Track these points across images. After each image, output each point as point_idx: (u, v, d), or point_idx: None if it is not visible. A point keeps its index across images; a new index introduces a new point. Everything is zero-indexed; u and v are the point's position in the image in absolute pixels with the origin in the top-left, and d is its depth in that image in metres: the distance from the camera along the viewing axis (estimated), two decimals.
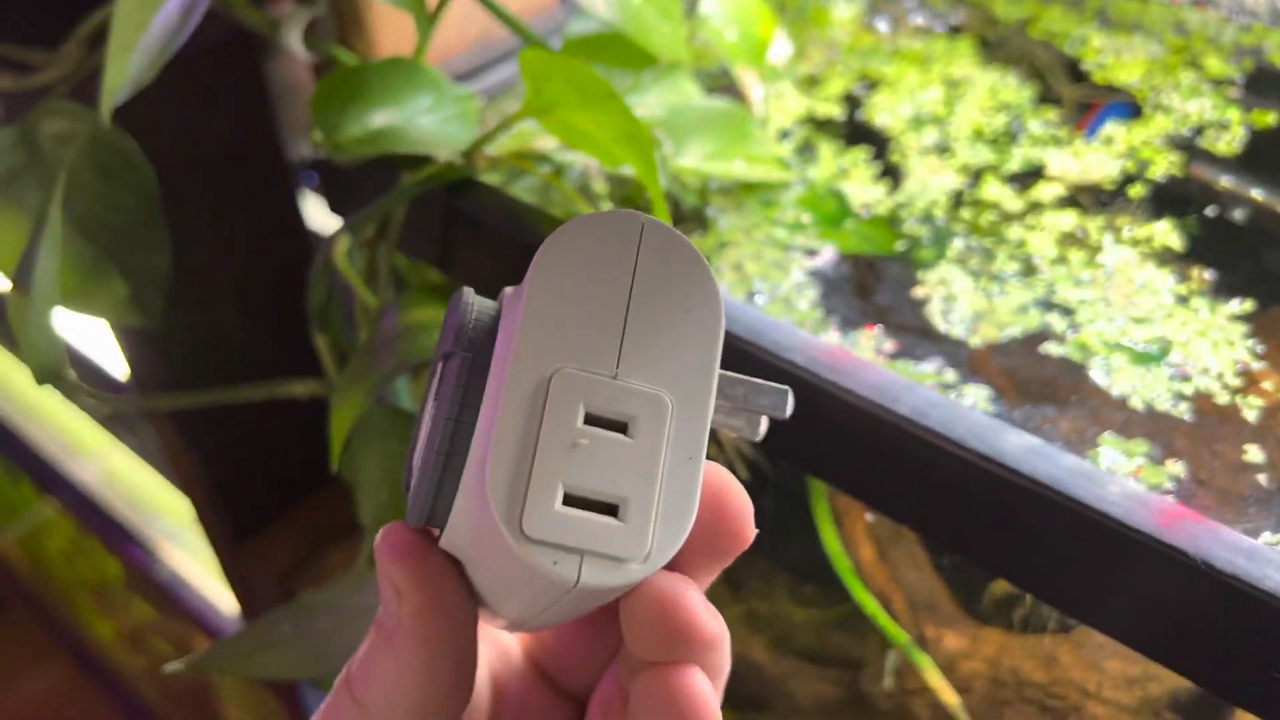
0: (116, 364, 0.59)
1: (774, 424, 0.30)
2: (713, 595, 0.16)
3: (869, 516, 0.38)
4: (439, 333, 0.29)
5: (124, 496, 0.85)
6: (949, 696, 0.33)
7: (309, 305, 0.33)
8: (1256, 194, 0.38)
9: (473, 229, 0.33)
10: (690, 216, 0.37)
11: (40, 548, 1.06)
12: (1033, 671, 0.36)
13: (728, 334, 0.28)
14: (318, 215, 0.52)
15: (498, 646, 0.20)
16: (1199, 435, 0.29)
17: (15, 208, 0.38)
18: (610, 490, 0.14)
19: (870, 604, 0.34)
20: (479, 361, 0.15)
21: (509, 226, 0.32)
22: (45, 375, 0.37)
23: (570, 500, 0.14)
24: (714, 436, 0.36)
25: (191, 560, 0.81)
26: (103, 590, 0.97)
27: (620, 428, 0.15)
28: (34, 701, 1.15)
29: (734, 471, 0.32)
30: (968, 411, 0.26)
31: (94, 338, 0.61)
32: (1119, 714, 0.34)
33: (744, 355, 0.28)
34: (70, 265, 0.39)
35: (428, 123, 0.36)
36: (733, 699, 0.48)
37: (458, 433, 0.15)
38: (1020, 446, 0.25)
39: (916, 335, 0.33)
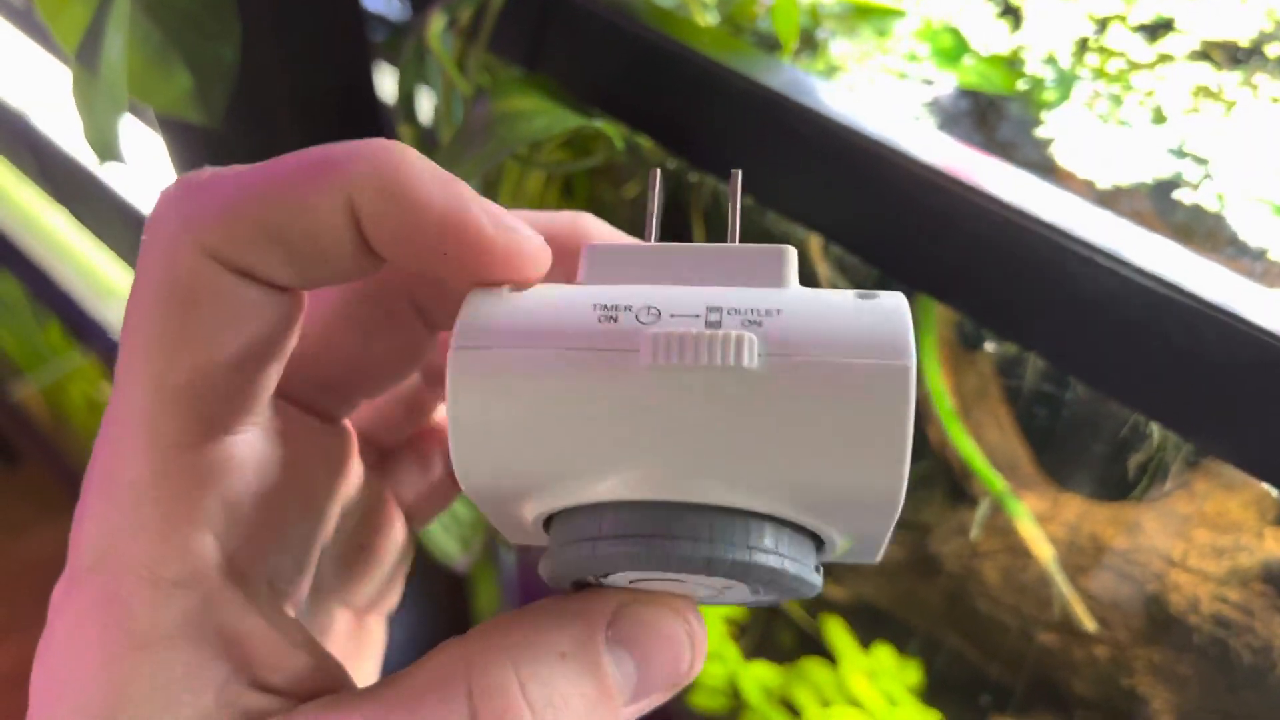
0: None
1: (885, 235, 0.28)
2: None
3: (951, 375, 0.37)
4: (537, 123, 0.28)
5: None
6: (1043, 549, 0.32)
7: (399, 90, 0.31)
8: None
9: (572, 19, 0.31)
10: (800, 37, 0.35)
11: (64, 398, 1.05)
12: (1114, 538, 0.35)
13: (862, 137, 0.26)
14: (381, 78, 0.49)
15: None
16: None
17: None
18: None
19: (967, 447, 0.32)
20: None
21: (612, 15, 0.30)
22: (106, 153, 0.35)
23: None
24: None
25: None
26: None
27: None
28: (45, 552, 1.16)
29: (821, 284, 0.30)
30: (1126, 224, 0.24)
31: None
32: (1204, 582, 0.33)
33: (876, 160, 0.26)
34: (135, 48, 0.37)
35: None
36: None
37: None
38: (1172, 259, 0.23)
39: (1042, 173, 0.31)
